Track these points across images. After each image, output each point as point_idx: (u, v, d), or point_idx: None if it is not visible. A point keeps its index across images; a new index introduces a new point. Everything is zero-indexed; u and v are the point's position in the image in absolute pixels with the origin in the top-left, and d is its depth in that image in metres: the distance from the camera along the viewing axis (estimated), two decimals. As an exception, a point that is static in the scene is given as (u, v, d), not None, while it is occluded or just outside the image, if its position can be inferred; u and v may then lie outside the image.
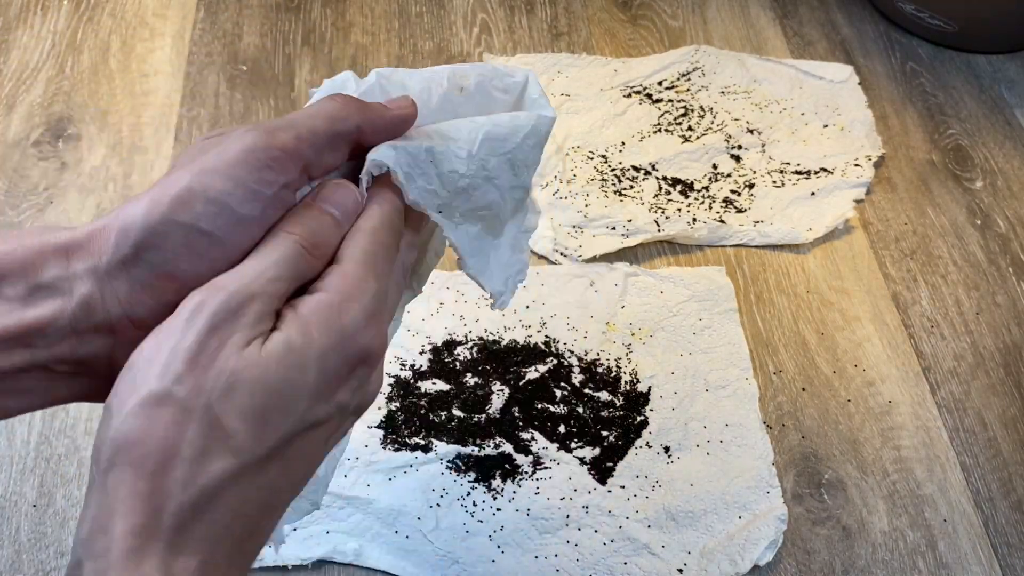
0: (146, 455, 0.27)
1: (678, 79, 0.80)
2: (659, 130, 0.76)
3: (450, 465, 0.56)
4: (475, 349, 0.61)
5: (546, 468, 0.56)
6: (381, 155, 0.34)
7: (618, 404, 0.59)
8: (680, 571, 0.53)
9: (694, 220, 0.69)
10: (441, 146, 0.36)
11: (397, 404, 0.58)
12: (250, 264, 0.30)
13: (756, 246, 0.69)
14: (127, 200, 0.31)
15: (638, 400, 0.60)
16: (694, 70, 0.80)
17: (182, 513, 0.27)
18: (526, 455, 0.57)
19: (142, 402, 0.27)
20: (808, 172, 0.74)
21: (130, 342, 0.30)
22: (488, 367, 0.60)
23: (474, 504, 0.55)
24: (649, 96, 0.78)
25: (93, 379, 0.31)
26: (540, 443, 0.57)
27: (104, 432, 0.28)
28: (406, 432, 0.57)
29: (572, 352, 0.62)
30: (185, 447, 0.27)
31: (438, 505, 0.54)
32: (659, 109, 0.77)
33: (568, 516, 0.55)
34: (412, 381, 0.59)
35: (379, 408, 0.58)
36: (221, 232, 0.30)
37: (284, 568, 0.52)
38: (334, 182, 0.34)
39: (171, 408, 0.27)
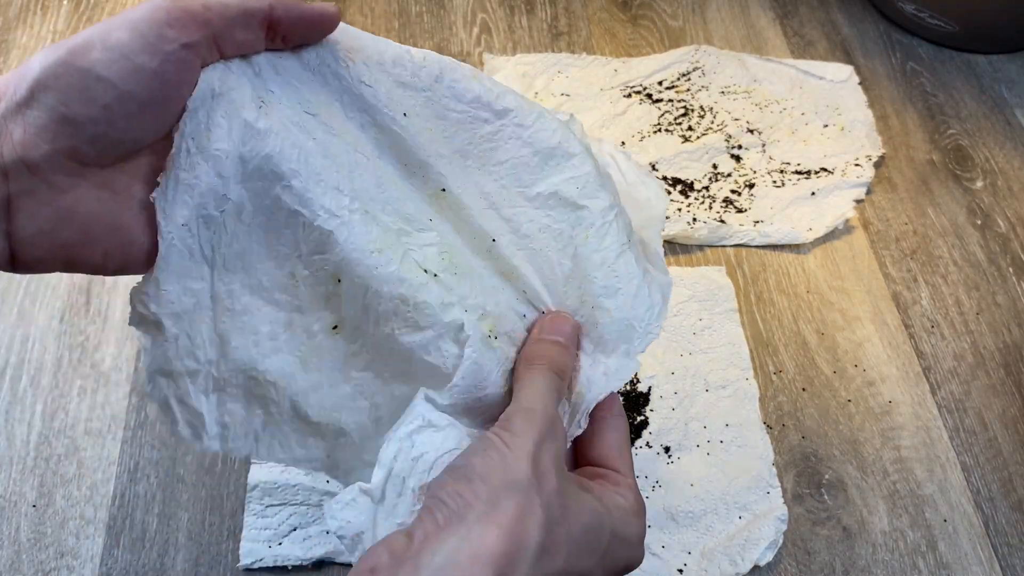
0: (506, 532, 0.31)
1: (678, 79, 0.80)
2: (659, 130, 0.76)
3: (450, 465, 0.56)
4: (475, 349, 0.61)
5: (546, 468, 0.56)
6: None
7: (618, 404, 0.59)
8: (680, 571, 0.53)
9: (694, 220, 0.69)
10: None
11: (397, 404, 0.58)
12: (532, 396, 0.36)
13: (756, 246, 0.69)
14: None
15: (638, 400, 0.60)
16: (694, 70, 0.80)
17: None
18: (526, 455, 0.57)
19: (509, 485, 0.32)
20: (808, 172, 0.74)
21: (28, 191, 0.31)
22: (488, 367, 0.60)
23: (474, 504, 0.55)
24: (649, 96, 0.78)
25: None
26: (540, 443, 0.57)
27: (470, 476, 0.33)
28: (406, 432, 0.57)
29: (572, 352, 0.62)
30: (536, 535, 0.32)
31: (438, 505, 0.54)
32: (659, 109, 0.77)
33: (568, 516, 0.55)
34: (412, 381, 0.59)
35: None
36: (116, 78, 0.30)
37: (284, 568, 0.52)
38: (552, 314, 0.40)
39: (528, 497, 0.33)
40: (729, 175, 0.73)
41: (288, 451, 0.42)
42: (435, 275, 0.38)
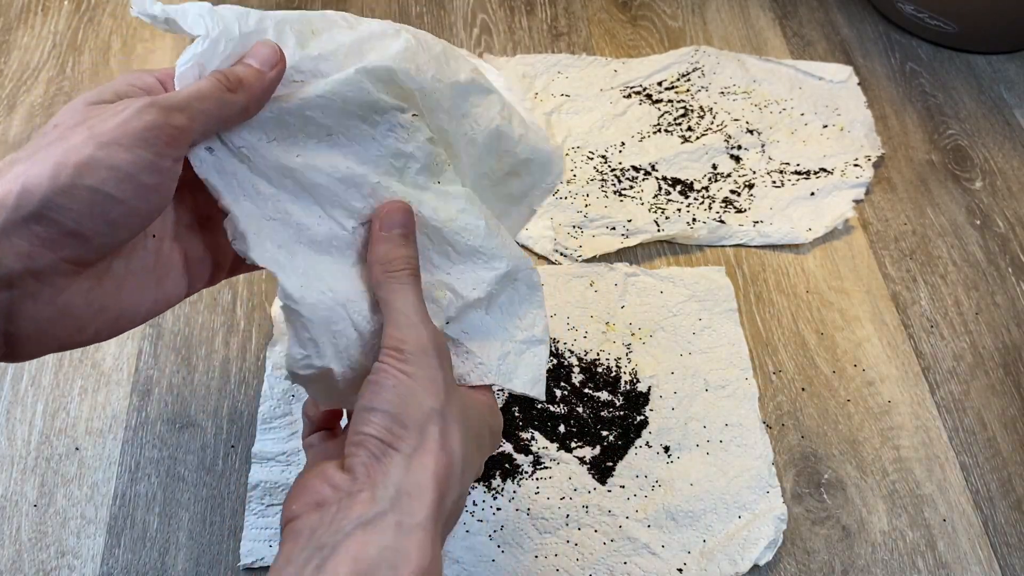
0: (439, 457, 0.37)
1: (678, 79, 0.80)
2: (659, 130, 0.76)
3: (450, 465, 0.56)
4: (475, 349, 0.61)
5: (546, 468, 0.56)
6: None
7: (618, 404, 0.60)
8: (680, 571, 0.53)
9: (694, 220, 0.69)
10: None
11: (397, 404, 0.58)
12: (410, 315, 0.39)
13: (756, 246, 0.69)
14: (10, 161, 0.32)
15: (638, 400, 0.60)
16: (694, 70, 0.81)
17: (450, 504, 0.37)
18: (526, 455, 0.57)
19: (428, 415, 0.37)
20: (808, 172, 0.74)
21: (31, 295, 0.32)
22: (488, 367, 0.60)
23: (474, 504, 0.55)
24: (649, 96, 0.78)
25: None
26: (540, 443, 0.57)
27: (393, 413, 0.37)
28: (406, 432, 0.57)
29: (572, 352, 0.62)
30: (459, 451, 0.38)
31: (438, 505, 0.54)
32: (659, 109, 0.77)
33: (568, 516, 0.55)
34: (412, 381, 0.59)
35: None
36: (125, 196, 0.33)
37: (284, 567, 0.52)
38: (387, 205, 0.41)
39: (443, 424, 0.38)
40: (729, 175, 0.73)
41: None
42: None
